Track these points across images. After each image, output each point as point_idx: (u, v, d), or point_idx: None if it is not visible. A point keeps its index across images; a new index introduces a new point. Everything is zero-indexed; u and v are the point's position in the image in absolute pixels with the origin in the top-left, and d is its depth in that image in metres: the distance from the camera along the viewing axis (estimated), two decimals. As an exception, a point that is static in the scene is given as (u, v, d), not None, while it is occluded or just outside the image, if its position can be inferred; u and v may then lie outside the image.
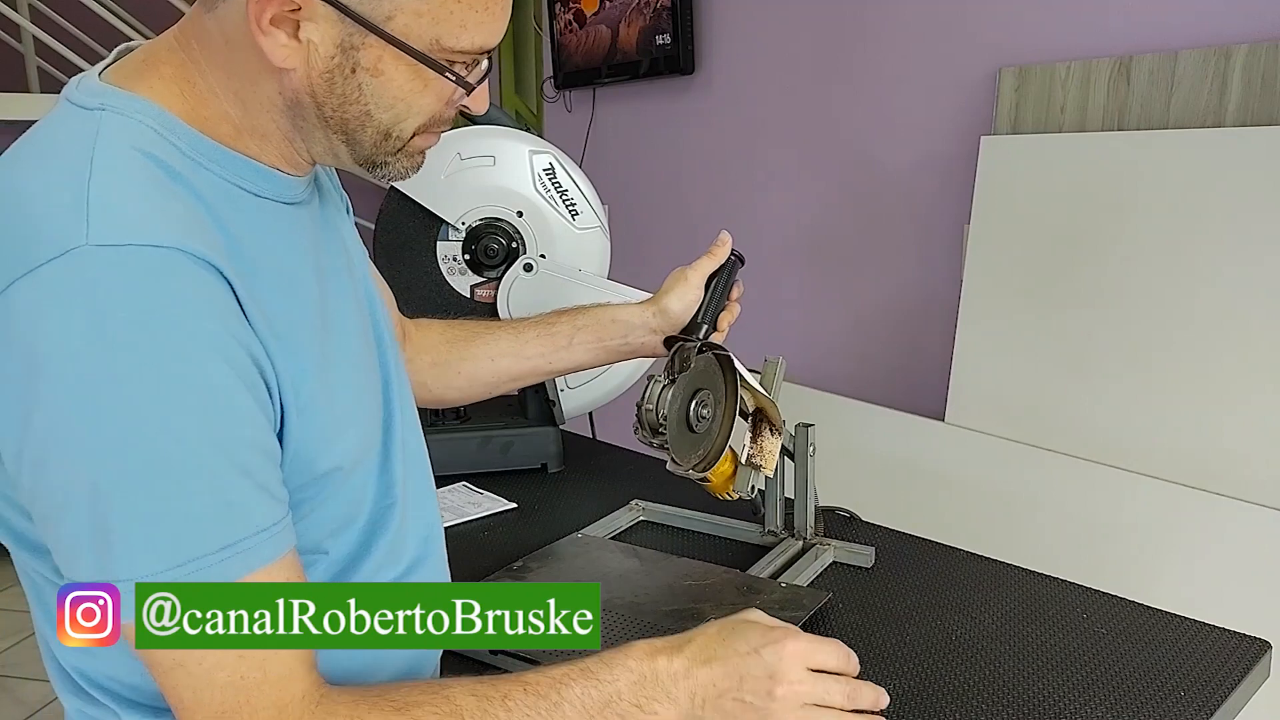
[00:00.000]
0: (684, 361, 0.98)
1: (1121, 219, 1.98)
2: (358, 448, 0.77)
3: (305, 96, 0.69)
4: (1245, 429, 1.80)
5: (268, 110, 0.71)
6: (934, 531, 1.35)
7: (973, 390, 2.21)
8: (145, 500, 0.60)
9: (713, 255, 1.09)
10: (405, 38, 0.67)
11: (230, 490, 0.63)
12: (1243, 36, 1.88)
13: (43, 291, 0.58)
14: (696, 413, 0.99)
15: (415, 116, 0.72)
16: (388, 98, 0.70)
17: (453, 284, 1.48)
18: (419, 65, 0.68)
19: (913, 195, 2.53)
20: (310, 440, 0.70)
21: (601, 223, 1.46)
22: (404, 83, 0.69)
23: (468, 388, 1.09)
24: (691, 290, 1.07)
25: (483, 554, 1.31)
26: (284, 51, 0.67)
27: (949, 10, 2.38)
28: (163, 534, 0.61)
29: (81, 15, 3.53)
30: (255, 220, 0.71)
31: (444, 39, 0.68)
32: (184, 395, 0.60)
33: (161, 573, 0.60)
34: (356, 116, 0.70)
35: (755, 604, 1.09)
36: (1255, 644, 1.04)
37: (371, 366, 0.82)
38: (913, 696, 0.96)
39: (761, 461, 1.10)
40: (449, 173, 1.43)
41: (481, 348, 1.08)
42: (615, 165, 3.39)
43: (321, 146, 0.73)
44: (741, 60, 2.93)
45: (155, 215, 0.62)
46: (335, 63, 0.67)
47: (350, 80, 0.68)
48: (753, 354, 1.18)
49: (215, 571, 0.61)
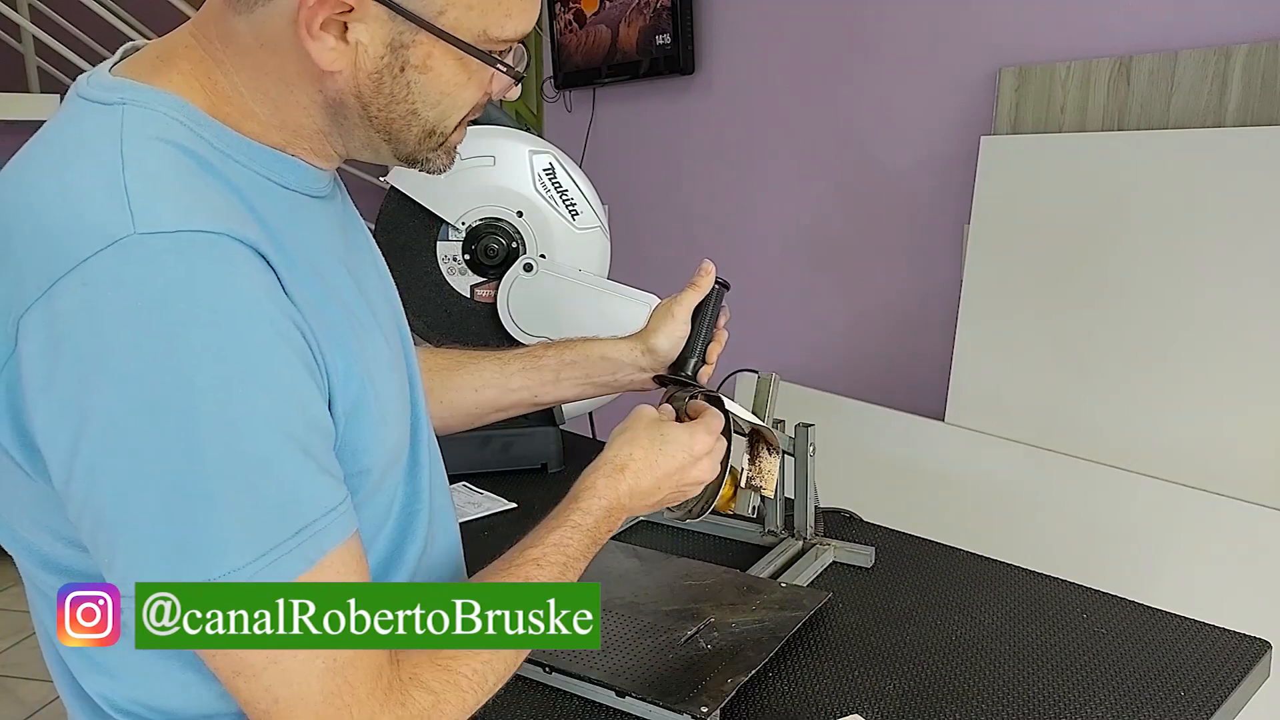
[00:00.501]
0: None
1: (1121, 219, 1.98)
2: (396, 446, 0.77)
3: (350, 98, 0.69)
4: (1245, 429, 1.80)
5: (305, 109, 0.70)
6: (934, 531, 1.35)
7: (973, 390, 2.21)
8: (221, 494, 0.58)
9: (697, 287, 1.07)
10: (455, 31, 0.67)
11: (300, 474, 0.62)
12: (1243, 36, 1.88)
13: (93, 286, 0.57)
14: None
15: (459, 110, 0.73)
16: (434, 94, 0.70)
17: (453, 284, 1.47)
18: (465, 58, 0.69)
19: (913, 195, 2.53)
20: (357, 434, 0.70)
21: (601, 223, 1.46)
22: (451, 76, 0.69)
23: (449, 416, 1.07)
24: (678, 326, 1.05)
25: (483, 554, 1.30)
26: (331, 55, 0.66)
27: (949, 10, 2.38)
28: (241, 526, 0.59)
29: (81, 15, 3.53)
30: (287, 212, 0.70)
31: (491, 29, 0.68)
32: (249, 382, 0.59)
33: (244, 566, 0.59)
34: (402, 116, 0.70)
35: (755, 604, 1.09)
36: (1255, 644, 1.04)
37: (400, 366, 0.81)
38: (913, 696, 0.96)
39: (761, 483, 1.10)
40: (449, 173, 1.43)
41: (465, 377, 1.07)
42: (615, 165, 3.39)
43: (361, 143, 0.73)
44: (741, 60, 2.93)
45: (198, 202, 0.61)
46: (384, 63, 0.67)
47: (399, 79, 0.68)
48: (753, 355, 1.18)
49: (294, 557, 0.61)
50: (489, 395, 1.07)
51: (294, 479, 0.61)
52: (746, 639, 1.02)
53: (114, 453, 0.57)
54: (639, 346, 1.06)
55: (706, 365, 1.07)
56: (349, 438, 0.69)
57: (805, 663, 1.02)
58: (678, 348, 1.06)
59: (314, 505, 0.62)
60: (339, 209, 0.80)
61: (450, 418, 1.07)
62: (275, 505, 0.60)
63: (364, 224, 0.90)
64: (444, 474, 0.91)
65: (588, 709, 0.96)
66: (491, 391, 1.07)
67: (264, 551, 0.60)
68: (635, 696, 0.93)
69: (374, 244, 0.90)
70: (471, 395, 1.07)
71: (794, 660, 1.03)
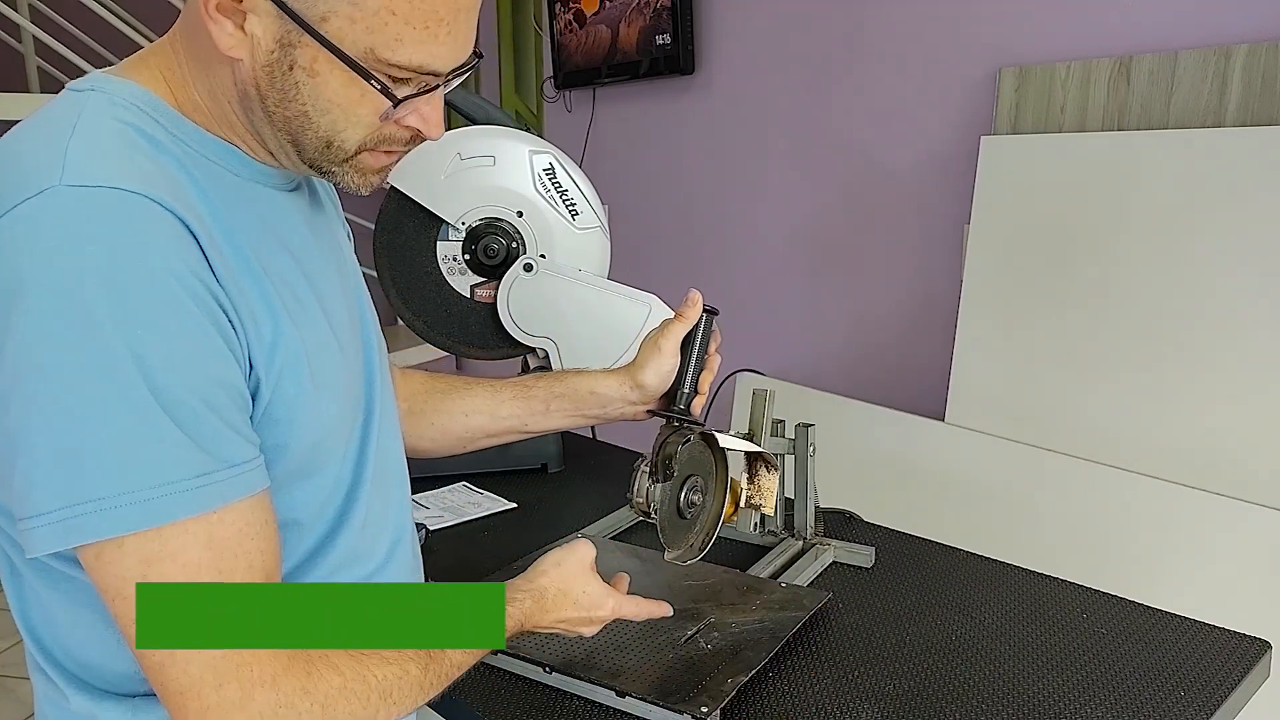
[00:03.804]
0: (669, 459, 0.97)
1: (1121, 219, 1.98)
2: (336, 425, 0.78)
3: (251, 89, 0.71)
4: (1245, 429, 1.80)
5: (228, 100, 0.73)
6: (934, 531, 1.35)
7: (973, 390, 2.21)
8: (116, 424, 0.61)
9: (684, 319, 1.05)
10: (339, 42, 0.68)
11: (200, 423, 0.63)
12: (1243, 36, 1.88)
13: (19, 226, 0.62)
14: (687, 499, 1.00)
15: (355, 128, 0.72)
16: (323, 101, 0.70)
17: (453, 284, 1.47)
18: (354, 73, 0.69)
19: (913, 195, 2.53)
20: (285, 404, 0.72)
21: (601, 223, 1.46)
22: (339, 88, 0.70)
23: (440, 439, 1.09)
24: (666, 360, 1.04)
25: (483, 554, 1.31)
26: (230, 40, 0.69)
27: (949, 10, 2.37)
28: (134, 457, 0.61)
29: (81, 15, 3.53)
30: (233, 196, 0.74)
31: (379, 50, 0.68)
32: (150, 327, 0.62)
33: (133, 492, 0.61)
34: (296, 116, 0.71)
35: (755, 604, 1.09)
36: (1255, 644, 1.04)
37: (355, 363, 0.84)
38: (913, 696, 0.96)
39: (761, 501, 1.11)
40: (449, 173, 1.42)
41: (457, 402, 1.09)
42: (615, 165, 3.39)
43: (274, 143, 0.74)
44: (741, 60, 2.93)
45: (126, 166, 0.66)
46: (275, 58, 0.69)
47: (289, 77, 0.69)
48: (753, 355, 1.18)
49: (190, 499, 0.63)
50: (479, 421, 1.09)
51: (193, 427, 0.63)
52: (746, 639, 1.02)
53: (21, 379, 0.61)
54: (628, 381, 1.06)
55: (699, 395, 1.06)
56: (276, 406, 0.71)
57: (805, 663, 1.02)
58: (667, 382, 1.05)
59: (215, 456, 0.64)
60: (302, 206, 0.83)
61: (441, 439, 1.10)
62: (171, 446, 0.62)
63: (341, 230, 0.93)
64: (400, 473, 0.93)
65: (588, 709, 0.96)
66: (481, 418, 1.09)
67: (157, 484, 0.61)
68: (635, 696, 0.93)
69: (346, 249, 0.92)
70: (462, 420, 1.09)
71: (794, 660, 1.03)
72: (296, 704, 0.66)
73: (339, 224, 0.94)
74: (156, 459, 0.62)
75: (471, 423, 1.09)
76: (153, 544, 0.62)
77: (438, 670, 0.77)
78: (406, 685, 0.73)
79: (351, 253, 0.94)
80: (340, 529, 0.80)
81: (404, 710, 0.75)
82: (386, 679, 0.72)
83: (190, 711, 0.64)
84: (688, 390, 1.05)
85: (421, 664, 0.75)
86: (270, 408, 0.70)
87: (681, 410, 1.04)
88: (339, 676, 0.69)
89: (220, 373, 0.66)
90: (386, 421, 0.88)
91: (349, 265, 0.91)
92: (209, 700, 0.64)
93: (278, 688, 0.65)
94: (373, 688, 0.71)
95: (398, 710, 0.73)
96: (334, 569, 0.80)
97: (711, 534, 1.02)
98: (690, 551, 1.01)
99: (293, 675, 0.66)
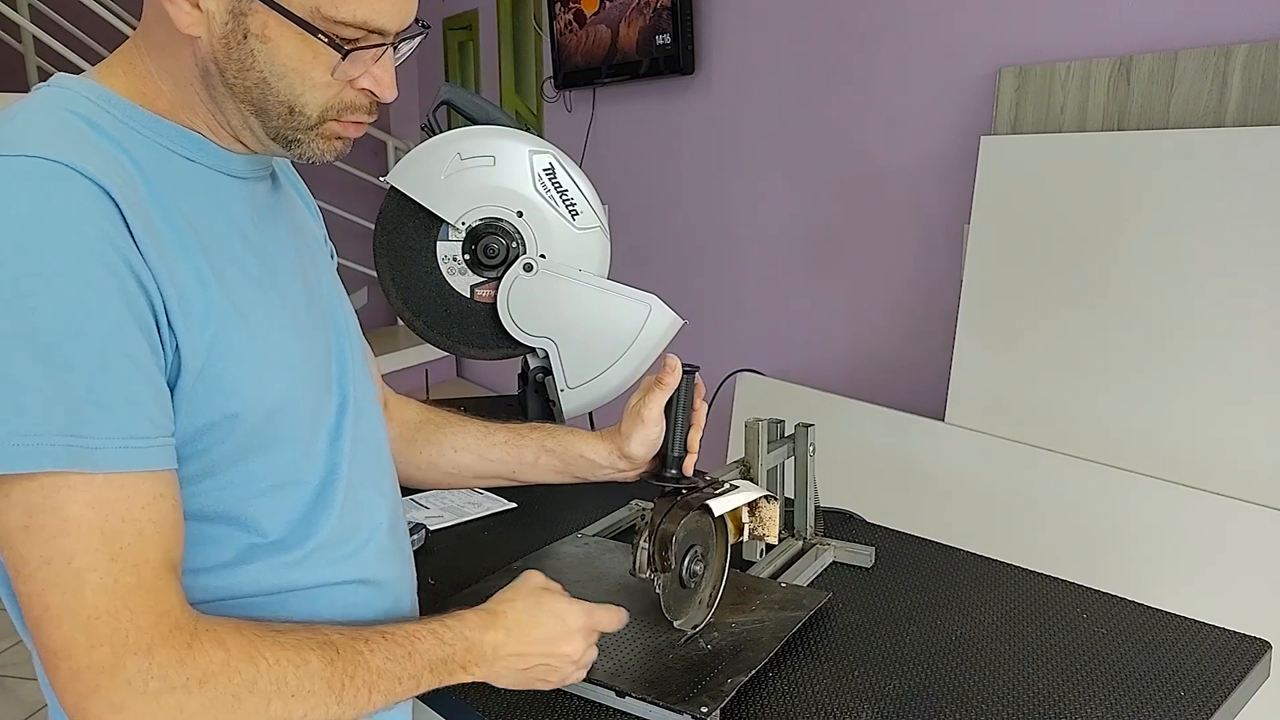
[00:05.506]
0: (665, 544, 0.97)
1: (1121, 219, 1.98)
2: (292, 400, 0.79)
3: (210, 64, 0.74)
4: (1245, 429, 1.80)
5: (190, 82, 0.75)
6: (934, 531, 1.35)
7: (973, 390, 2.21)
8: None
9: (664, 385, 1.03)
10: (286, 3, 0.71)
11: (88, 386, 0.64)
12: (1243, 36, 1.88)
13: None
14: (689, 570, 1.01)
15: (313, 90, 0.75)
16: (279, 66, 0.73)
17: (453, 284, 1.47)
18: (306, 35, 0.72)
19: (913, 195, 2.53)
20: (222, 373, 0.72)
21: (601, 223, 1.46)
22: (292, 51, 0.73)
23: (427, 469, 1.10)
24: (650, 429, 1.03)
25: (483, 554, 1.31)
26: (188, 19, 0.72)
27: (949, 10, 2.38)
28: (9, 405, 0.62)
29: (81, 15, 3.53)
30: (183, 177, 0.76)
31: (324, 7, 0.71)
32: (51, 289, 0.63)
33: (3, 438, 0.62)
34: (256, 84, 0.74)
35: (755, 604, 1.09)
36: (1255, 644, 1.04)
37: (319, 346, 0.85)
38: (913, 696, 0.96)
39: (764, 531, 1.12)
40: (449, 173, 1.43)
41: (448, 437, 1.10)
42: (615, 165, 3.39)
43: (237, 119, 0.76)
44: (741, 60, 2.94)
45: (55, 140, 0.68)
46: (229, 28, 0.72)
47: (244, 46, 0.72)
48: (753, 355, 1.18)
49: (61, 454, 0.63)
50: (466, 459, 1.09)
51: (79, 386, 0.63)
52: (746, 639, 1.02)
53: None
54: (615, 450, 1.05)
55: (689, 454, 1.05)
56: (212, 374, 0.72)
57: (805, 663, 1.02)
58: (653, 449, 1.04)
59: (100, 418, 0.64)
60: (259, 193, 0.84)
61: (428, 470, 1.10)
62: (47, 399, 0.63)
63: (310, 221, 0.95)
64: (383, 461, 0.93)
65: (588, 709, 0.96)
66: (469, 456, 1.09)
67: (26, 434, 0.62)
68: (635, 696, 0.93)
69: (312, 241, 0.93)
70: (450, 455, 1.09)
71: (794, 660, 1.03)
72: (170, 675, 0.64)
73: (308, 217, 0.95)
74: (31, 409, 0.62)
75: (459, 459, 1.09)
76: (34, 494, 0.63)
77: (348, 670, 0.72)
78: (305, 678, 0.70)
79: (323, 245, 0.96)
80: (319, 512, 0.81)
81: (309, 715, 0.70)
82: (279, 664, 0.68)
83: (61, 672, 0.63)
84: (677, 454, 1.04)
85: (325, 657, 0.71)
86: (205, 374, 0.71)
87: (674, 476, 1.04)
88: (222, 652, 0.67)
89: (123, 344, 0.66)
90: (365, 407, 0.89)
91: (317, 257, 0.92)
92: (80, 662, 0.63)
93: (152, 656, 0.64)
94: (261, 672, 0.68)
95: (298, 710, 0.69)
96: (310, 552, 0.81)
97: (718, 590, 1.04)
98: (701, 611, 1.03)
99: (171, 646, 0.65)
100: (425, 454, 1.09)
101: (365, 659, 0.74)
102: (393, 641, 0.77)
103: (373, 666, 0.74)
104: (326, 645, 0.72)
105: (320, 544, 0.81)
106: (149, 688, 0.64)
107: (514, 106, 3.99)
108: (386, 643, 0.76)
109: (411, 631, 0.79)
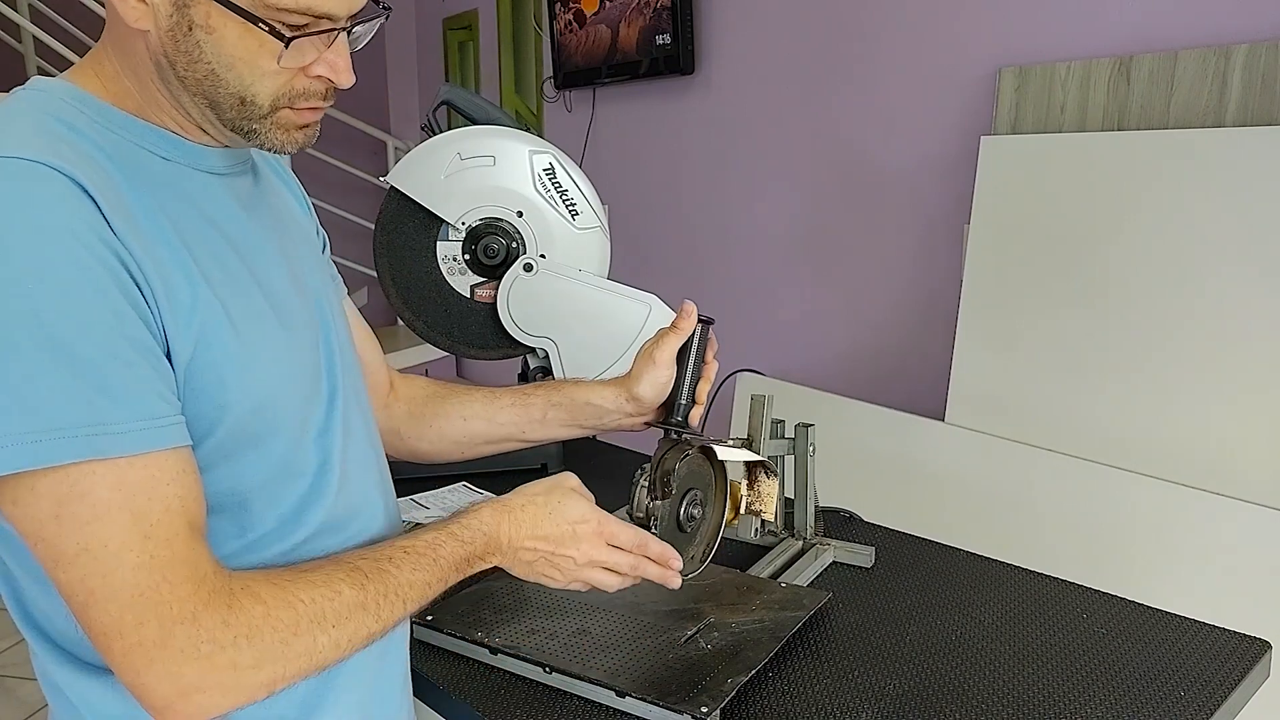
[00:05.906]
0: (668, 474, 0.97)
1: (1121, 219, 1.98)
2: (280, 393, 0.79)
3: (161, 58, 0.73)
4: (1245, 429, 1.80)
5: (150, 78, 0.75)
6: (934, 531, 1.35)
7: (973, 390, 2.21)
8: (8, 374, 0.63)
9: (678, 330, 1.05)
10: None
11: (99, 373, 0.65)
12: (1243, 36, 1.88)
13: None
14: (687, 513, 1.00)
15: (262, 79, 0.74)
16: (225, 57, 0.72)
17: (453, 284, 1.47)
18: (247, 23, 0.71)
19: (913, 195, 2.53)
20: (215, 365, 0.73)
21: (601, 223, 1.46)
22: (237, 41, 0.72)
23: (438, 441, 1.10)
24: (661, 372, 1.04)
25: (483, 554, 1.31)
26: (134, 12, 0.71)
27: (949, 10, 2.38)
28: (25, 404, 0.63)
29: (81, 15, 3.53)
30: (159, 176, 0.76)
31: None
32: (45, 282, 0.64)
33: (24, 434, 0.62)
34: (205, 76, 0.73)
35: (755, 604, 1.09)
36: (1255, 644, 1.04)
37: (307, 339, 0.85)
38: (913, 696, 0.96)
39: (761, 507, 1.11)
40: (449, 173, 1.42)
41: (455, 406, 1.10)
42: (615, 165, 3.39)
43: (196, 112, 0.76)
44: (741, 60, 2.94)
45: (36, 143, 0.68)
46: (174, 20, 0.71)
47: (189, 38, 0.72)
48: (753, 355, 1.18)
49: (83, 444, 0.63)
50: (476, 426, 1.10)
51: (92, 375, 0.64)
52: (746, 639, 1.02)
53: None
54: (623, 394, 1.06)
55: (696, 405, 1.05)
56: (200, 366, 0.72)
57: (805, 663, 1.02)
58: (662, 394, 1.05)
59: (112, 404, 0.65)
60: (239, 188, 0.84)
61: (439, 442, 1.10)
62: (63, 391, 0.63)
63: (299, 212, 0.95)
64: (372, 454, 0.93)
65: (588, 709, 0.96)
66: (479, 423, 1.10)
67: (48, 429, 0.63)
68: (635, 696, 0.93)
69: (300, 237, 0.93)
70: (460, 424, 1.10)
71: (794, 660, 1.03)
72: (219, 636, 0.66)
73: (296, 209, 0.95)
74: (49, 403, 0.63)
75: (469, 427, 1.10)
76: (61, 485, 0.63)
77: (380, 590, 0.75)
78: (342, 607, 0.72)
79: (313, 238, 0.96)
80: (313, 502, 0.81)
81: (354, 637, 0.73)
82: (315, 602, 0.71)
83: (115, 652, 0.65)
84: (685, 401, 1.04)
85: (355, 583, 0.74)
86: (194, 367, 0.72)
87: (679, 421, 1.04)
88: (261, 605, 0.69)
89: (126, 329, 0.67)
90: (355, 399, 0.89)
91: (305, 250, 0.92)
92: (130, 640, 0.65)
93: (198, 622, 0.66)
94: (301, 614, 0.70)
95: (342, 636, 0.72)
96: (303, 541, 0.81)
97: (713, 545, 1.02)
98: (692, 564, 1.02)
99: (213, 608, 0.66)
100: (435, 426, 1.10)
101: (393, 575, 0.77)
102: (415, 554, 0.80)
103: (402, 580, 0.77)
104: (355, 572, 0.75)
105: (314, 533, 0.82)
106: (201, 651, 0.65)
107: (514, 106, 3.99)
108: (410, 557, 0.79)
109: (432, 541, 0.82)
